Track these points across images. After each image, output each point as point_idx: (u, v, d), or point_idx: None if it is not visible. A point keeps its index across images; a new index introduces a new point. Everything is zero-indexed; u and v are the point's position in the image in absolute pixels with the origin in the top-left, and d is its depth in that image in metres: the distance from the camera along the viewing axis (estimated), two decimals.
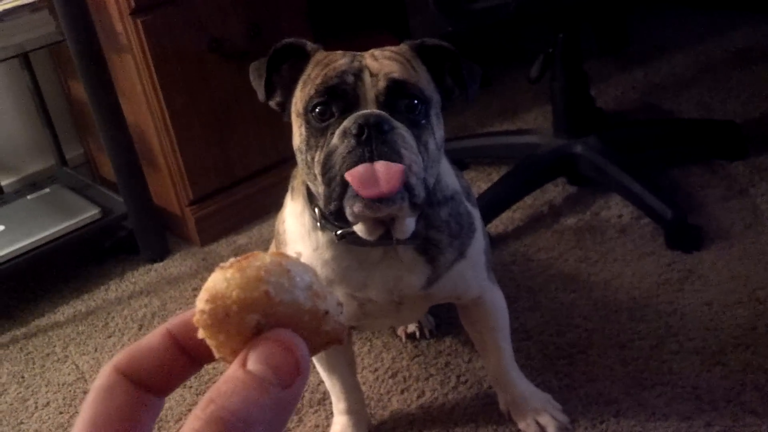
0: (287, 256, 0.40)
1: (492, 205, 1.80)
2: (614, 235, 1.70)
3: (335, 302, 0.40)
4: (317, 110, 0.96)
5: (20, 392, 1.58)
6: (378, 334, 1.54)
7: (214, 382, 1.22)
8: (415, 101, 0.97)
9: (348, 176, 0.91)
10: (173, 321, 0.41)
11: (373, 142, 0.91)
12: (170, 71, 1.83)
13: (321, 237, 1.06)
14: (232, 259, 0.39)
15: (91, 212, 1.89)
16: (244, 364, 0.37)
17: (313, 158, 0.97)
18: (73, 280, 1.91)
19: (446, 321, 1.52)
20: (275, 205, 1.17)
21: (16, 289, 1.90)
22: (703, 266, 1.56)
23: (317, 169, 0.96)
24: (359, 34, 2.35)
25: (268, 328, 0.38)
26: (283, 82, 1.04)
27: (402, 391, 1.40)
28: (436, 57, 1.03)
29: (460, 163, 2.08)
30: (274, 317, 0.38)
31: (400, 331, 1.52)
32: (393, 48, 1.02)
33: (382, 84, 0.95)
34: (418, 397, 1.38)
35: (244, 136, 1.98)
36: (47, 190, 2.05)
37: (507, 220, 1.81)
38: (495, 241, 1.74)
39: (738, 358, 1.32)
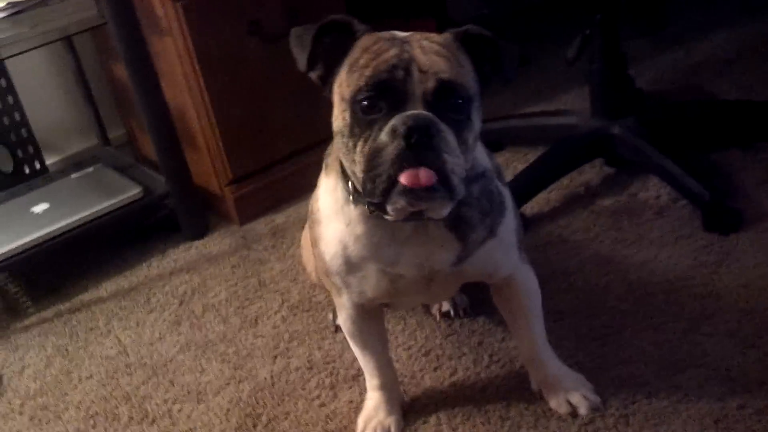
0: None
1: (528, 185, 1.80)
2: (651, 217, 1.69)
3: None
4: (365, 103, 0.97)
5: (64, 365, 1.63)
6: (412, 312, 1.56)
7: (253, 357, 1.25)
8: (460, 100, 0.99)
9: (401, 178, 0.94)
10: None
11: (420, 145, 0.93)
12: (210, 54, 1.86)
13: (353, 212, 1.08)
14: None
15: (134, 191, 1.94)
16: None
17: (355, 145, 0.99)
18: (115, 257, 1.96)
19: (480, 300, 1.53)
20: (312, 185, 1.19)
21: (61, 265, 1.95)
22: (740, 249, 1.54)
23: (359, 158, 0.98)
24: (397, 18, 2.35)
25: None
26: (325, 54, 1.04)
27: (435, 369, 1.41)
28: (478, 44, 1.04)
29: (497, 143, 2.08)
30: None
31: (434, 310, 1.54)
32: (439, 39, 1.02)
33: (431, 84, 0.97)
34: (451, 375, 1.39)
35: (283, 117, 2.00)
36: (90, 169, 2.10)
37: (543, 200, 1.82)
38: (530, 222, 1.75)
39: None
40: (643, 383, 1.30)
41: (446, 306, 1.53)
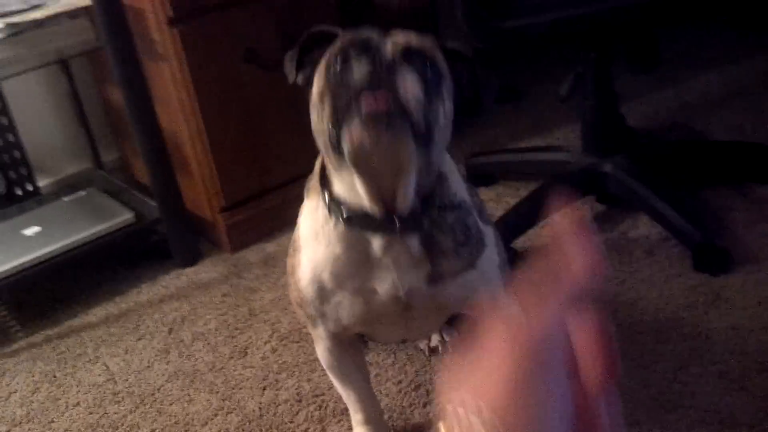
0: None
1: (519, 221, 1.81)
2: (641, 256, 1.70)
3: None
4: (337, 67, 0.96)
5: (52, 391, 1.62)
6: (402, 346, 1.56)
7: (241, 388, 1.24)
8: (428, 64, 0.98)
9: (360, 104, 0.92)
10: None
11: (381, 75, 0.93)
12: (205, 80, 1.87)
13: (332, 232, 1.07)
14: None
15: (126, 216, 1.94)
16: None
17: (323, 111, 0.97)
18: (106, 283, 1.95)
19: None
20: None
21: (50, 289, 1.95)
22: (730, 290, 1.56)
23: (326, 113, 0.96)
24: None
25: None
26: (312, 63, 1.05)
27: (424, 405, 1.41)
28: (453, 60, 1.05)
29: (490, 177, 2.09)
30: None
31: (422, 345, 1.54)
32: (417, 33, 1.03)
33: (400, 46, 0.97)
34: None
35: (277, 145, 2.01)
36: (83, 192, 2.09)
37: (534, 236, 1.82)
38: (521, 258, 1.75)
39: (762, 384, 1.32)
40: (633, 423, 1.30)
41: (435, 341, 1.53)
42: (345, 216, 1.04)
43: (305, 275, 1.12)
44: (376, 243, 1.07)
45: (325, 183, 1.08)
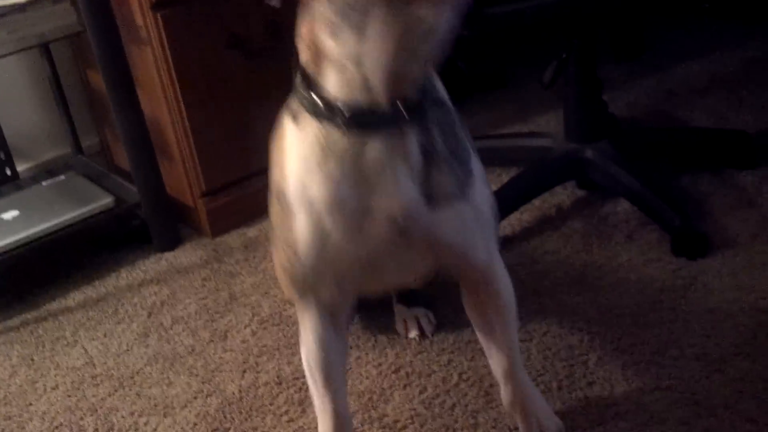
0: None
1: (501, 206, 1.79)
2: (621, 240, 1.71)
3: None
4: None
5: (29, 374, 1.61)
6: (383, 329, 1.56)
7: (221, 371, 1.23)
8: None
9: None
10: None
11: None
12: (188, 65, 1.85)
13: (325, 151, 0.93)
14: None
15: (105, 201, 1.92)
16: None
17: None
18: (84, 267, 1.94)
19: (449, 320, 1.54)
20: None
21: (28, 273, 1.93)
22: (708, 274, 1.57)
23: None
24: None
25: None
26: None
27: (404, 387, 1.42)
28: None
29: None
30: None
31: (401, 329, 1.54)
32: None
33: None
34: (420, 392, 1.40)
35: (258, 130, 1.98)
36: (62, 177, 2.08)
37: (515, 221, 1.83)
38: (502, 243, 1.76)
39: (738, 366, 1.34)
40: (611, 404, 1.31)
41: (413, 333, 1.53)
42: (345, 115, 0.90)
43: (304, 231, 0.98)
44: (376, 147, 0.92)
45: (308, 87, 0.93)
